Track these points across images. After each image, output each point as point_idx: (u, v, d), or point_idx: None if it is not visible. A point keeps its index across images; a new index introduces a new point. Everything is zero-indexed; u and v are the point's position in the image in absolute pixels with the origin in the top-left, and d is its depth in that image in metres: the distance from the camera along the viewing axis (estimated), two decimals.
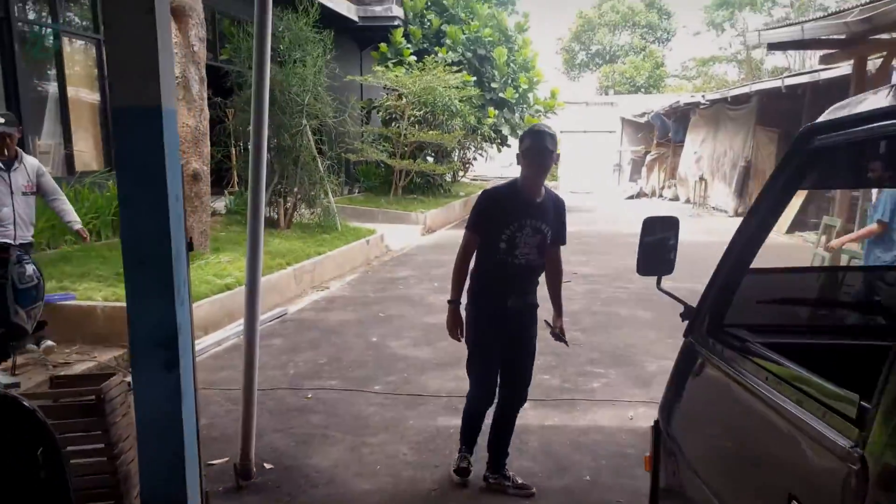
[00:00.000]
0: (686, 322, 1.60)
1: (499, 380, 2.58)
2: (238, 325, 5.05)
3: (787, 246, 10.54)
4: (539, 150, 2.30)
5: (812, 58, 25.94)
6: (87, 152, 7.76)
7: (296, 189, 8.63)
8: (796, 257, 9.38)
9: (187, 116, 6.15)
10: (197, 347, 4.55)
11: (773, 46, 5.24)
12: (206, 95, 6.32)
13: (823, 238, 5.06)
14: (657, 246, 1.58)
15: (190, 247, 1.90)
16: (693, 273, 2.61)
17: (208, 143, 6.44)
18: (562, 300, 2.61)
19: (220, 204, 8.94)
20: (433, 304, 5.97)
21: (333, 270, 7.43)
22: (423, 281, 7.05)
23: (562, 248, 2.61)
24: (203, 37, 6.13)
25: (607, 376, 3.94)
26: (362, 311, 5.70)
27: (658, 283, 1.64)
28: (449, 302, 2.52)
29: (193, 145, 6.23)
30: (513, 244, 2.39)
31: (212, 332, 4.95)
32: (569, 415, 3.38)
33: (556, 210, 2.49)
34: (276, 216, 8.74)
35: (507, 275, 2.43)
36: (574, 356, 4.32)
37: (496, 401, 2.63)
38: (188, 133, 6.19)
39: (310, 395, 3.65)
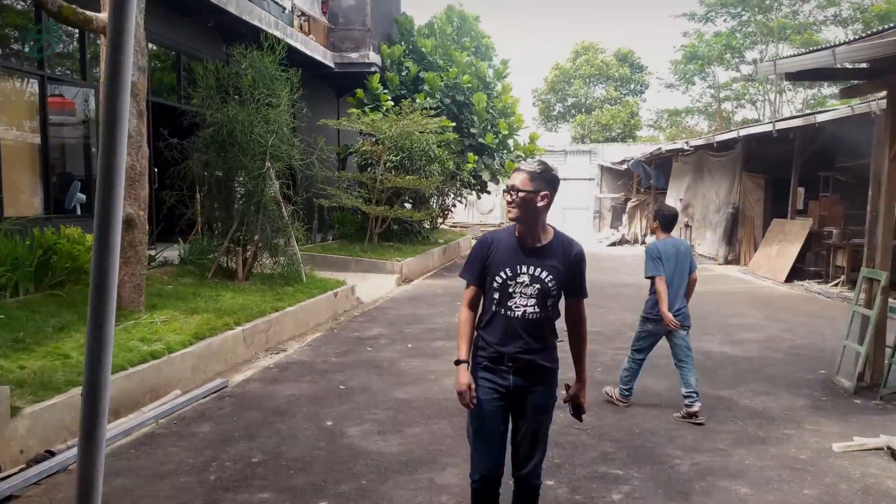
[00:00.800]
0: None
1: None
2: (157, 407, 4.05)
3: (793, 297, 9.90)
4: (517, 188, 2.11)
5: (781, 111, 26.71)
6: (21, 196, 7.00)
7: (256, 237, 7.76)
8: (808, 309, 8.74)
9: None
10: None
11: (791, 77, 4.73)
12: (145, 132, 5.51)
13: (863, 295, 4.36)
14: None
15: None
16: (703, 329, 1.80)
17: (146, 184, 5.57)
18: (584, 364, 2.24)
19: (174, 252, 8.01)
20: (405, 371, 5.04)
21: (293, 329, 6.46)
22: (395, 341, 6.13)
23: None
24: (144, 66, 5.38)
25: (629, 481, 3.01)
26: (320, 382, 4.73)
27: None
28: (455, 362, 2.22)
29: (127, 187, 5.37)
30: (505, 293, 2.13)
31: (125, 414, 3.93)
32: None
33: (567, 257, 2.20)
34: (233, 266, 7.83)
35: (502, 329, 2.14)
36: (582, 448, 3.40)
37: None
38: None
39: None
